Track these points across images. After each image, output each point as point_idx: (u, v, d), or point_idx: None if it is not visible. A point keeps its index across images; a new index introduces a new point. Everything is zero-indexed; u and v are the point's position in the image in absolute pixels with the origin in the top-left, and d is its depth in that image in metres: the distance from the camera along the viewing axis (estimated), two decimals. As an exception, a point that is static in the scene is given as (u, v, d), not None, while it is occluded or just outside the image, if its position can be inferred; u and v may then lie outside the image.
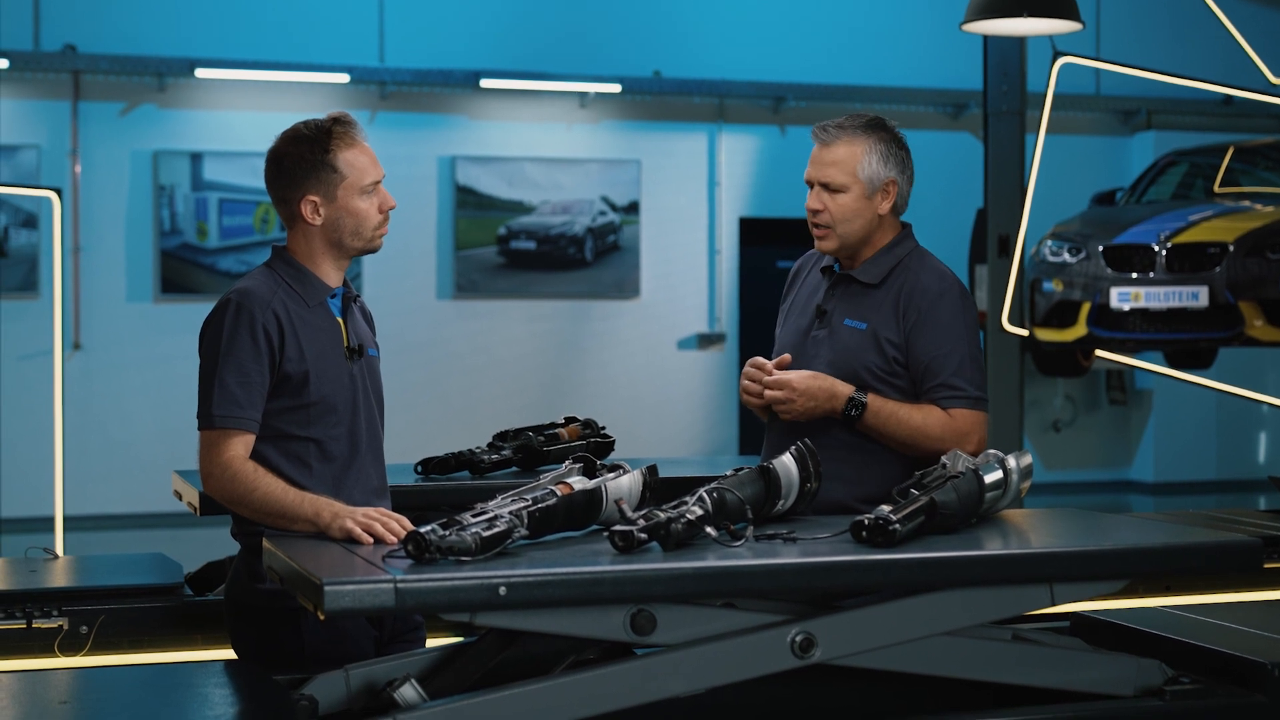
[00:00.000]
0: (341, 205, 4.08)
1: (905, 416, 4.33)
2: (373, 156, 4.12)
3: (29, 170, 13.29)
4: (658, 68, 14.80)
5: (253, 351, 3.97)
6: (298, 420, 4.03)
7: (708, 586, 3.52)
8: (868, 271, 4.48)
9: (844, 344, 4.44)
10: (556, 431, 5.63)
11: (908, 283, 4.43)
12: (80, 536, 11.03)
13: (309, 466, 4.04)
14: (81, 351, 13.50)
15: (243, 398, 3.96)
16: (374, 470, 4.18)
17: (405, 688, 3.43)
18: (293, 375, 4.01)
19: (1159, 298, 11.11)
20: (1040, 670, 3.80)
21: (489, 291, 14.55)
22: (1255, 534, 5.13)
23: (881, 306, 4.43)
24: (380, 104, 14.16)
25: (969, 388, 4.36)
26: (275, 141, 4.14)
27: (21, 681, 3.71)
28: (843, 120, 4.47)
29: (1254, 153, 12.91)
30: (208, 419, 3.98)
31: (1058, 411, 15.97)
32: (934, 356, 4.37)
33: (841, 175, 4.42)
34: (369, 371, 4.19)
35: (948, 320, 4.40)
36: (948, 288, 4.43)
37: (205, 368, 4.02)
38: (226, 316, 4.01)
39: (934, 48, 15.00)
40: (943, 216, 15.25)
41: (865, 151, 4.42)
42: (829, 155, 4.43)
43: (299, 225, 4.14)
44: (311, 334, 4.06)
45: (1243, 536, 3.99)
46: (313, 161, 4.07)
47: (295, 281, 4.10)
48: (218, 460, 3.96)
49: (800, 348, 4.51)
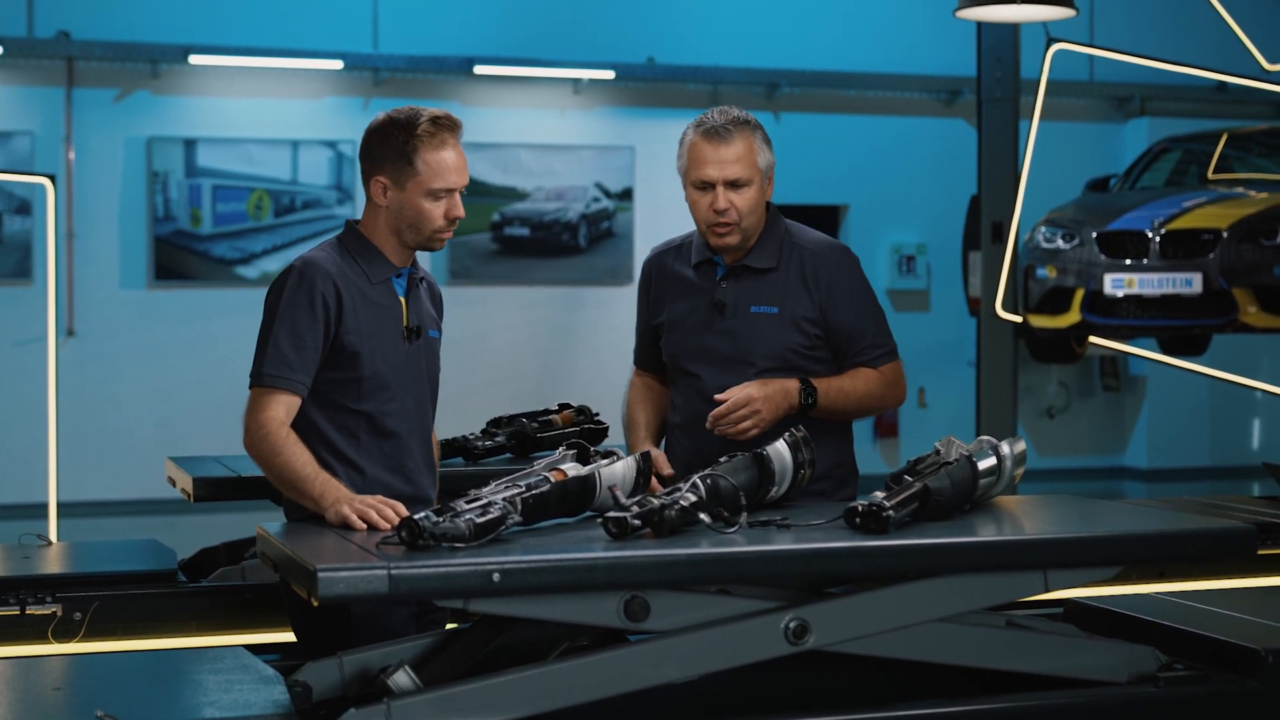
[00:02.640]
0: (407, 198, 4.14)
1: (850, 388, 4.49)
2: (459, 165, 4.15)
3: (23, 156, 13.27)
4: (651, 54, 14.78)
5: (309, 317, 4.05)
6: (350, 393, 4.12)
7: (701, 573, 3.53)
8: (760, 257, 4.54)
9: (759, 331, 4.50)
10: (550, 418, 5.63)
11: (805, 259, 4.54)
12: (74, 523, 11.00)
13: (358, 439, 4.13)
14: (75, 338, 13.49)
15: (294, 360, 4.04)
16: (420, 450, 4.25)
17: (399, 674, 3.43)
18: (347, 348, 4.09)
19: (1153, 284, 11.12)
20: (1034, 656, 3.80)
21: (483, 278, 14.54)
22: (1249, 520, 5.12)
23: (787, 288, 4.51)
24: (374, 90, 14.14)
25: (888, 341, 4.58)
26: (380, 114, 4.21)
27: (15, 668, 3.71)
28: (724, 118, 4.49)
29: (1248, 139, 12.91)
30: (257, 376, 4.07)
31: (1051, 398, 15.98)
32: (854, 323, 4.52)
33: (746, 170, 4.47)
34: (427, 352, 4.27)
35: (855, 286, 4.56)
36: (843, 255, 4.59)
37: (263, 328, 4.12)
38: (289, 281, 4.10)
39: (927, 34, 14.99)
40: (936, 203, 15.27)
41: (757, 142, 4.49)
42: (730, 152, 4.45)
43: (371, 201, 4.21)
44: (370, 310, 4.14)
45: (1236, 523, 4.00)
46: (395, 147, 4.13)
47: (361, 258, 4.18)
48: (256, 417, 4.04)
49: (704, 345, 4.55)
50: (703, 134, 4.47)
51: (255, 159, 13.90)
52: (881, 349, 4.55)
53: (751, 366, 4.48)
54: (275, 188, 13.94)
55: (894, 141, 15.38)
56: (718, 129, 4.45)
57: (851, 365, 4.53)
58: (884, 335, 4.57)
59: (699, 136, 4.47)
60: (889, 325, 4.63)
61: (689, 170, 4.49)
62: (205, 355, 13.66)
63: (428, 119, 4.12)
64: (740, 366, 4.49)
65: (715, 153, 4.45)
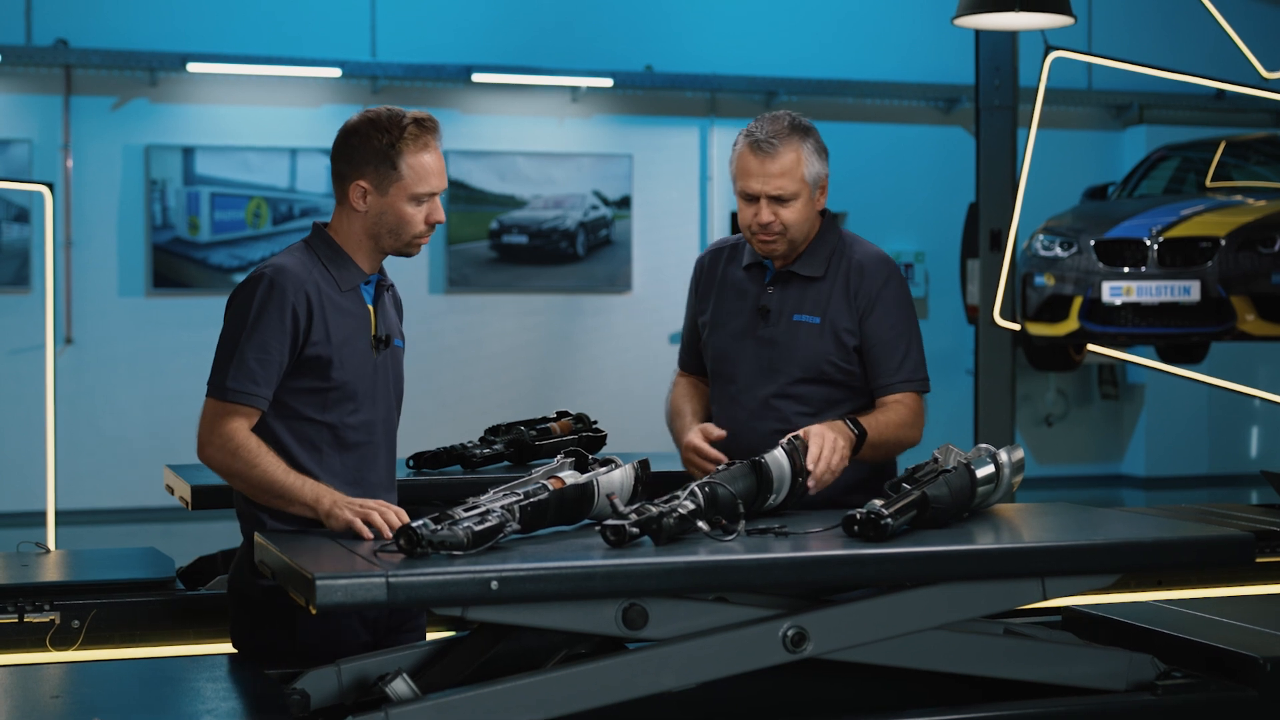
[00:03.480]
0: (389, 203, 4.02)
1: (886, 420, 4.37)
2: (440, 168, 4.05)
3: (20, 165, 13.27)
4: (649, 62, 14.79)
5: (278, 330, 3.95)
6: (315, 404, 4.01)
7: (699, 581, 3.52)
8: (809, 265, 4.48)
9: (799, 340, 4.44)
10: (548, 426, 5.63)
11: (852, 269, 4.46)
12: (72, 531, 11.00)
13: (320, 451, 4.02)
14: (73, 346, 13.49)
15: (260, 375, 3.94)
16: (385, 462, 4.16)
17: (397, 682, 3.42)
18: (316, 358, 3.98)
19: (1151, 292, 11.13)
20: (1032, 665, 3.80)
21: (481, 286, 14.54)
22: (1247, 528, 5.12)
23: (831, 298, 4.45)
24: (372, 98, 14.14)
25: (920, 371, 4.45)
26: (355, 115, 4.08)
27: (13, 676, 3.71)
28: (772, 128, 4.39)
29: (1246, 147, 12.93)
30: (220, 389, 3.96)
31: (1049, 406, 15.98)
32: (886, 340, 4.42)
33: (792, 184, 4.38)
34: (393, 362, 4.17)
35: (895, 302, 4.46)
36: (891, 272, 4.49)
37: (227, 337, 4.01)
38: (259, 290, 3.97)
39: (925, 42, 15.01)
40: (934, 211, 15.28)
41: (806, 153, 4.39)
42: (775, 166, 4.37)
43: (345, 206, 4.08)
44: (340, 318, 4.03)
45: (1234, 531, 3.99)
46: (376, 150, 3.99)
47: (331, 264, 4.06)
48: (220, 430, 3.94)
49: (745, 349, 4.50)
50: (749, 145, 4.38)
51: (253, 167, 13.91)
52: (909, 375, 4.43)
53: (784, 376, 4.43)
54: (273, 196, 13.94)
55: (892, 149, 15.39)
56: (762, 142, 4.35)
57: (880, 388, 4.43)
58: (916, 362, 4.45)
59: (746, 147, 4.39)
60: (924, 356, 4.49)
61: (735, 180, 4.43)
62: (203, 363, 13.37)
63: (411, 120, 4.01)
64: (773, 375, 4.44)
65: (760, 166, 4.37)
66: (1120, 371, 15.98)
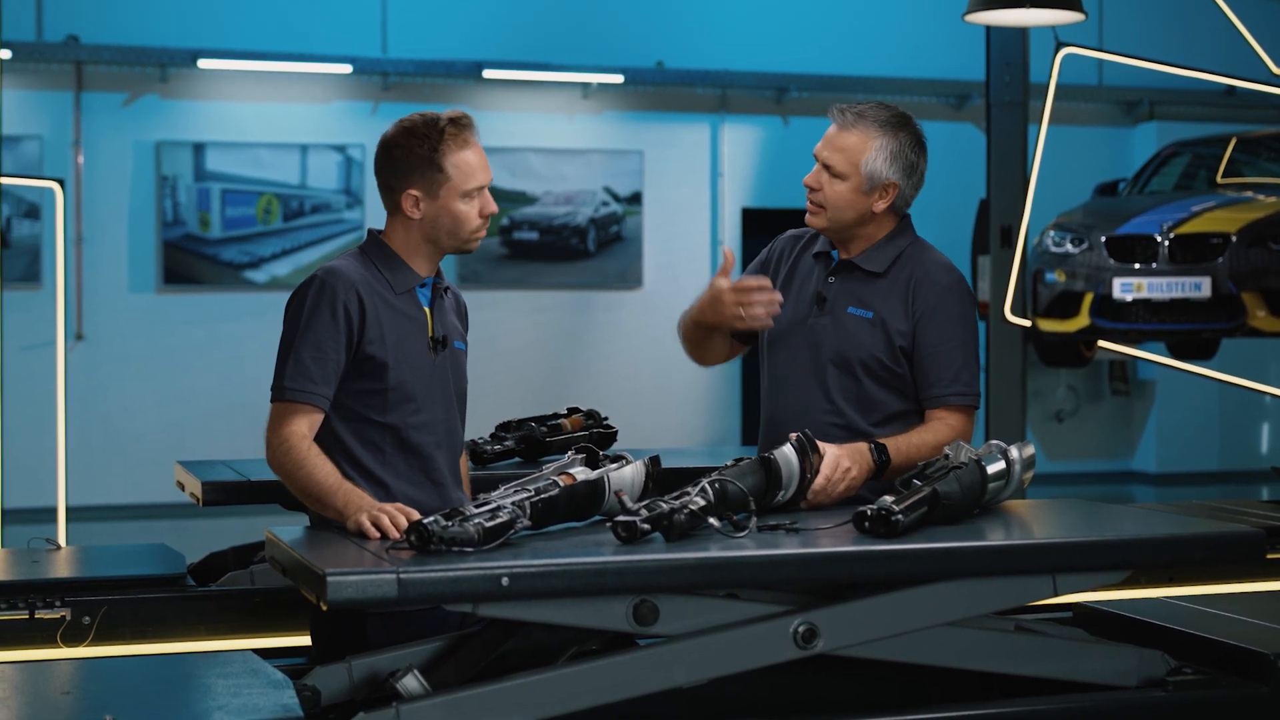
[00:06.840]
0: (442, 205, 4.07)
1: (922, 441, 4.27)
2: (483, 160, 4.10)
3: (32, 161, 13.29)
4: (660, 58, 14.79)
5: (331, 329, 3.99)
6: (376, 405, 4.06)
7: (710, 577, 3.52)
8: (871, 260, 4.44)
9: (849, 333, 4.40)
10: (559, 422, 5.62)
11: (915, 273, 4.40)
12: (83, 527, 11.01)
13: (383, 452, 4.08)
14: (84, 342, 13.50)
15: (315, 373, 3.98)
16: (448, 462, 4.20)
17: (408, 678, 3.43)
18: (371, 359, 4.03)
19: (1161, 288, 11.11)
20: (1043, 661, 3.80)
21: (492, 282, 14.54)
22: (1258, 525, 5.11)
23: (889, 296, 4.40)
24: (383, 95, 14.15)
25: (973, 386, 4.36)
26: (390, 128, 4.12)
27: (24, 672, 3.71)
28: (865, 108, 4.39)
29: (1256, 143, 12.90)
30: (279, 390, 4.00)
31: (1060, 402, 15.97)
32: (939, 351, 4.35)
33: (844, 163, 4.36)
34: (453, 364, 4.22)
35: (954, 313, 4.39)
36: (954, 281, 4.41)
37: (284, 340, 4.05)
38: (310, 292, 4.02)
39: (936, 38, 14.99)
40: (945, 207, 15.19)
41: (875, 148, 4.35)
42: (840, 140, 4.37)
43: (399, 216, 4.12)
44: (395, 320, 4.08)
45: (1245, 527, 3.99)
46: (421, 157, 4.04)
47: (385, 268, 4.11)
48: (279, 432, 3.98)
49: (799, 334, 4.47)
50: (835, 110, 4.42)
51: (264, 163, 13.92)
52: (961, 390, 4.34)
53: (831, 365, 4.38)
54: (284, 192, 13.95)
55: (903, 145, 15.36)
56: (845, 112, 4.38)
57: (929, 399, 4.36)
58: (969, 377, 4.36)
59: (830, 112, 4.44)
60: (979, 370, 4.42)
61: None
62: (214, 359, 13.68)
63: (448, 121, 4.06)
64: (820, 363, 4.40)
65: (831, 133, 4.39)
66: (1131, 368, 15.97)
